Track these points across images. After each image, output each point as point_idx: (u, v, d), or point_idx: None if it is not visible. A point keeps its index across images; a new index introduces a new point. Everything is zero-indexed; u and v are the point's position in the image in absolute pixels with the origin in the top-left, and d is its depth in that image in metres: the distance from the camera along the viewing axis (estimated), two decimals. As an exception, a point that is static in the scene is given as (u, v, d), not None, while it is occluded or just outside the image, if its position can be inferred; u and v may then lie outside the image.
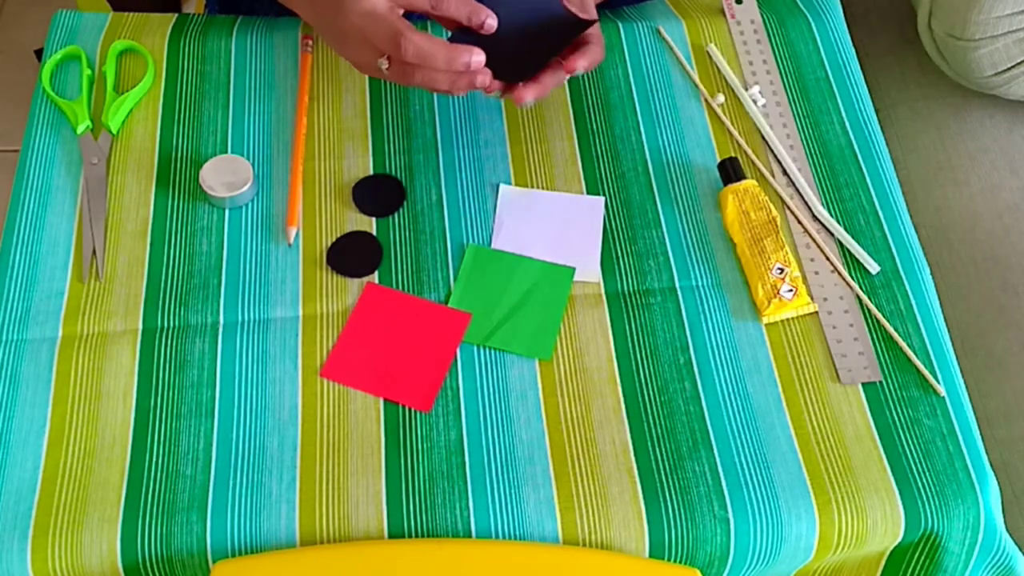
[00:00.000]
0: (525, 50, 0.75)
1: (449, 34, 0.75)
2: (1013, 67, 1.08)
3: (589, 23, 0.75)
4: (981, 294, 1.05)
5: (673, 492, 0.70)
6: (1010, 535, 0.73)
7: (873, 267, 0.80)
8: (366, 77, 0.88)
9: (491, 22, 0.72)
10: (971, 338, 1.03)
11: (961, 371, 0.77)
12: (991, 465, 0.72)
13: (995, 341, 1.03)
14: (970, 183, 1.12)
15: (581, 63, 0.76)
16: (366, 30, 0.72)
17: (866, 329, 0.77)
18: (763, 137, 0.87)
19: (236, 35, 0.90)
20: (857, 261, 0.80)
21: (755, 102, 0.88)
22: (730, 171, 0.82)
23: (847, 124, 0.88)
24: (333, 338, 0.76)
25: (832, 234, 0.82)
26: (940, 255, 1.08)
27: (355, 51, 0.75)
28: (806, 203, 0.83)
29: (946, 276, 1.06)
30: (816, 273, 0.79)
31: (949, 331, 0.78)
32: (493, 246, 0.80)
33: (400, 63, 0.72)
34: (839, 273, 0.79)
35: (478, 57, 0.71)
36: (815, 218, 0.82)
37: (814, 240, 0.81)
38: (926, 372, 0.75)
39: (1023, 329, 1.03)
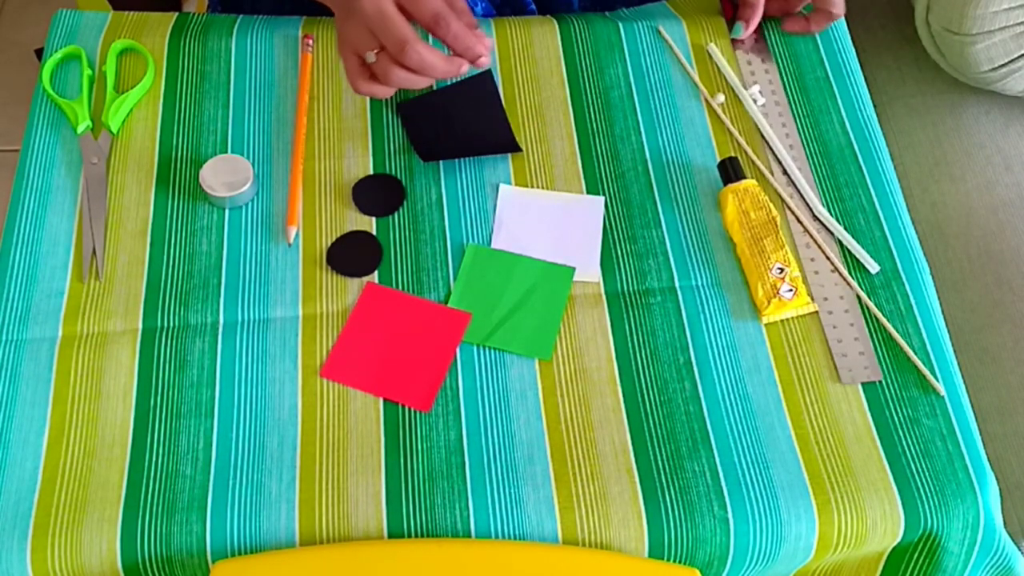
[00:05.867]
0: (457, 137, 0.78)
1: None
2: (1010, 62, 1.08)
3: (517, 149, 0.80)
4: (976, 290, 1.06)
5: (673, 492, 0.70)
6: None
7: (873, 267, 0.80)
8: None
9: (484, 60, 0.76)
10: (965, 333, 1.03)
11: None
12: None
13: (989, 336, 1.03)
14: (965, 179, 1.12)
15: None
16: (374, 24, 0.73)
17: (866, 329, 0.77)
18: (763, 137, 0.86)
19: (236, 35, 0.90)
20: (857, 261, 0.80)
21: (755, 102, 0.88)
22: (730, 171, 0.82)
23: (847, 124, 0.88)
24: (333, 338, 0.76)
25: (832, 234, 0.82)
26: (935, 251, 1.08)
27: (355, 32, 0.75)
28: (806, 203, 0.83)
29: (941, 272, 1.06)
30: (816, 273, 0.79)
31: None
32: (493, 246, 0.80)
33: (388, 61, 0.74)
34: (839, 273, 0.79)
35: (484, 57, 0.75)
36: (815, 218, 0.82)
37: (814, 240, 0.81)
38: (926, 372, 0.75)
39: (1017, 325, 1.03)
